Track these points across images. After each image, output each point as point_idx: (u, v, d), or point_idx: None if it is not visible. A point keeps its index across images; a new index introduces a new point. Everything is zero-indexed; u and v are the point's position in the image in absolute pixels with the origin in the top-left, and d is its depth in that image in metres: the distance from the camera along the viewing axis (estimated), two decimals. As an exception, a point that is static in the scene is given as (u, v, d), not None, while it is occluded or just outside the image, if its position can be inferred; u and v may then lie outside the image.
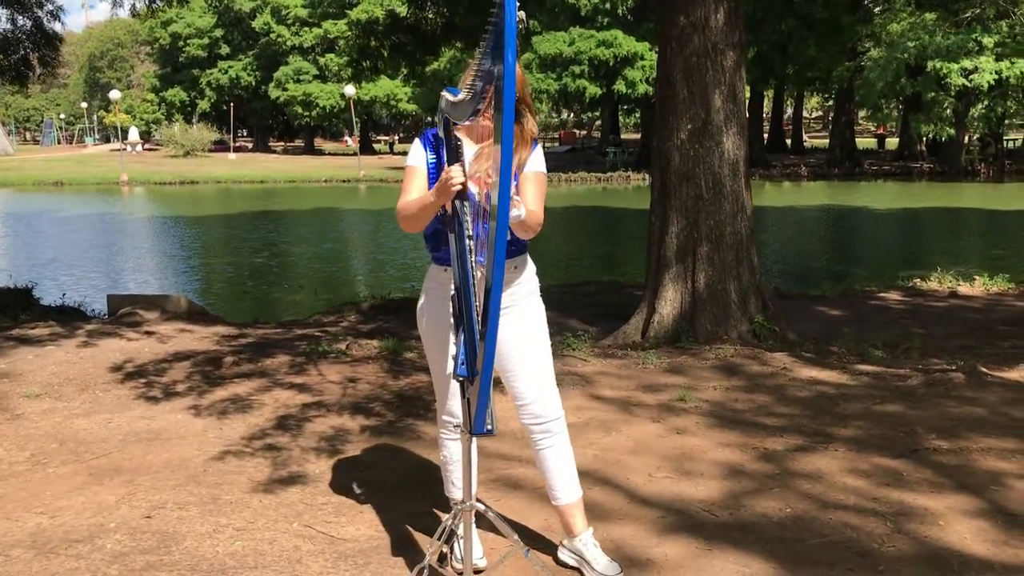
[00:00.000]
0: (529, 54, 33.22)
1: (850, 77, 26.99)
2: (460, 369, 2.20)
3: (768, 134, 43.84)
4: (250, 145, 58.76)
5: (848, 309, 7.41)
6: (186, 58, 54.13)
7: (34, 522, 3.12)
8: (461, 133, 2.45)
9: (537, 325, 2.62)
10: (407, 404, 4.41)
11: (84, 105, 69.58)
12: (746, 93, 6.89)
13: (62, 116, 77.11)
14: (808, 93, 49.97)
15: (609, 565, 2.63)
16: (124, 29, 73.23)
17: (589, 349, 5.41)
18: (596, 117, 53.08)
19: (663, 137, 5.77)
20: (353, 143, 51.59)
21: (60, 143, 70.98)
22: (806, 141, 49.13)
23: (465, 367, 2.19)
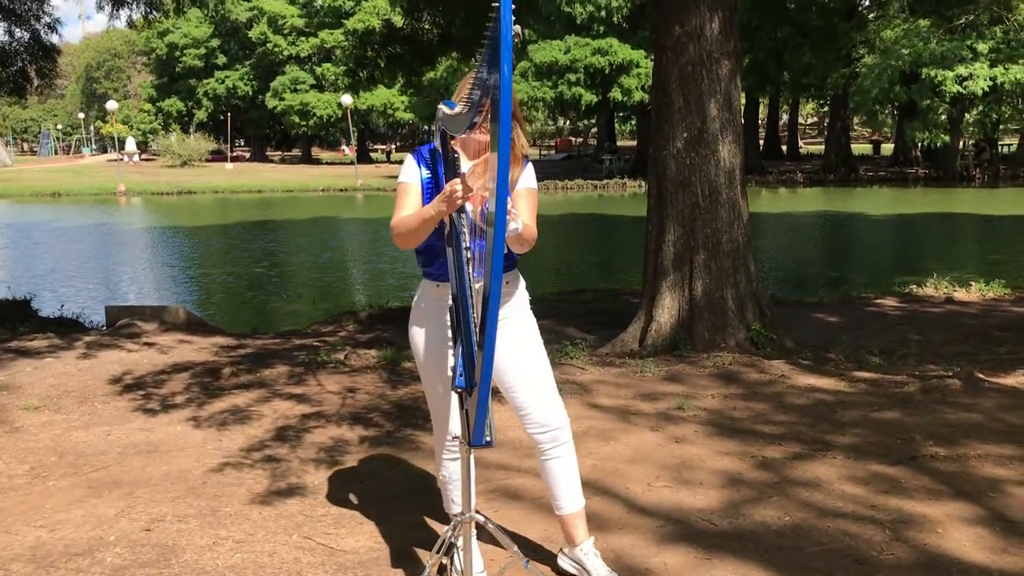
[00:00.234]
0: (525, 62, 33.33)
1: (845, 84, 27.06)
2: (458, 381, 2.20)
3: (764, 140, 43.94)
4: (247, 155, 58.78)
5: (845, 316, 7.42)
6: (183, 68, 54.19)
7: (34, 536, 3.11)
8: (457, 146, 2.47)
9: (531, 335, 2.63)
10: (405, 414, 4.41)
11: (81, 116, 69.67)
12: (742, 100, 6.91)
13: (59, 127, 77.12)
14: (803, 100, 50.11)
15: (609, 575, 2.64)
16: (121, 40, 73.22)
17: (587, 357, 5.42)
18: (592, 125, 53.13)
19: (659, 146, 5.79)
20: (350, 152, 51.62)
21: (57, 154, 70.99)
22: (802, 147, 49.23)
23: (463, 379, 2.19)
